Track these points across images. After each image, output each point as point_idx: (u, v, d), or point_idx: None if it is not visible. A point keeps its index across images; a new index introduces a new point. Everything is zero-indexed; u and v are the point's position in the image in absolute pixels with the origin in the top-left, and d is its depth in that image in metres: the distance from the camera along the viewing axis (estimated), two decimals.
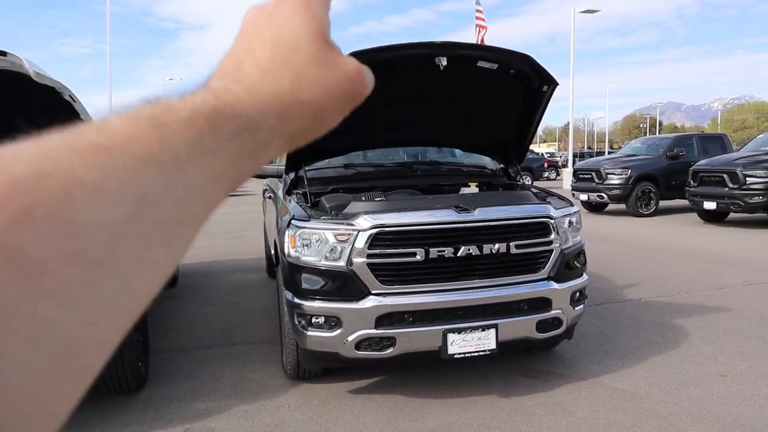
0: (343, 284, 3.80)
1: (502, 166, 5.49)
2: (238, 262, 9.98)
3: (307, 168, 5.03)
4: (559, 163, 40.62)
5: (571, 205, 4.45)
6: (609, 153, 36.90)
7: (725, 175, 12.64)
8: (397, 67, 4.18)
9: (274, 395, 4.30)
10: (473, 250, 3.82)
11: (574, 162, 29.49)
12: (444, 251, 3.78)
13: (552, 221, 4.07)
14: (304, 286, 3.89)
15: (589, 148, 73.68)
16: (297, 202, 4.36)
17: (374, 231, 3.72)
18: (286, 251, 4.06)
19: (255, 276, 8.74)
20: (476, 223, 3.83)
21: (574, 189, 16.30)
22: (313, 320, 3.86)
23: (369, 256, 3.74)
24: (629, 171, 15.22)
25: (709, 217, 13.64)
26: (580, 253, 4.36)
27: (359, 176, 5.04)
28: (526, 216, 3.97)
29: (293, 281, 3.96)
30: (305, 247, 3.93)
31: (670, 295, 6.92)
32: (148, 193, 0.30)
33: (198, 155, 0.33)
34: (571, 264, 4.23)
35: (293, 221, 3.99)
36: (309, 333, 3.87)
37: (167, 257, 0.32)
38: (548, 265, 4.08)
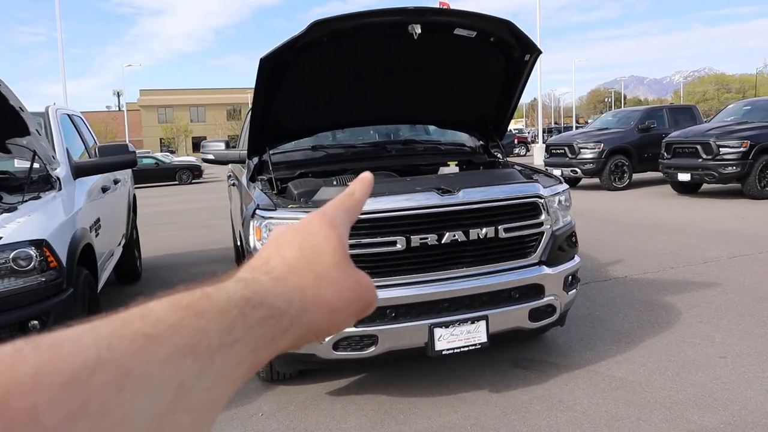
0: None
1: (481, 143, 5.14)
2: (205, 253, 9.55)
3: (271, 151, 4.62)
4: (528, 139, 40.61)
5: (560, 182, 4.13)
6: (577, 127, 36.96)
7: (699, 146, 12.52)
8: (365, 37, 3.78)
9: (247, 401, 3.92)
10: (459, 235, 3.47)
11: (544, 138, 29.37)
12: (427, 238, 3.42)
13: (542, 201, 3.74)
14: None
15: (555, 123, 73.95)
16: (262, 190, 3.96)
17: None
18: (251, 244, 3.66)
19: (222, 267, 8.29)
20: (461, 206, 3.48)
21: (547, 164, 16.09)
22: None
23: None
24: (602, 145, 15.07)
25: (683, 189, 13.55)
26: (571, 234, 4.04)
27: (329, 159, 4.65)
28: (514, 196, 3.63)
29: None
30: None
31: (656, 271, 6.70)
32: (185, 383, 0.32)
33: (228, 344, 0.35)
34: (562, 246, 3.91)
35: (258, 211, 3.60)
36: None
37: None
38: (539, 249, 3.75)
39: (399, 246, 3.39)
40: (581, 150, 15.27)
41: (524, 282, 3.69)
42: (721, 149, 12.16)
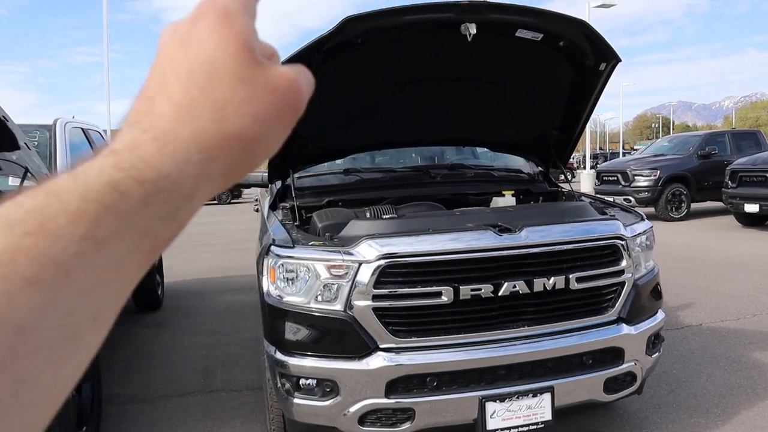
0: (340, 336, 2.75)
1: (540, 169, 4.42)
2: (233, 280, 8.98)
3: (296, 175, 3.98)
4: (574, 165, 39.46)
5: (642, 218, 3.38)
6: (624, 154, 35.70)
7: None
8: (407, 38, 3.12)
9: None
10: (520, 286, 2.75)
11: (594, 164, 28.36)
12: (480, 289, 2.71)
13: (623, 243, 2.99)
14: (288, 336, 2.84)
15: (601, 149, 72.30)
16: (281, 221, 3.32)
17: (382, 262, 2.66)
18: (264, 288, 3.01)
19: (249, 297, 7.67)
20: (525, 249, 2.76)
21: (598, 192, 15.16)
22: (302, 383, 2.81)
23: (376, 297, 2.69)
24: (658, 172, 14.10)
25: (749, 221, 12.50)
26: (656, 283, 3.28)
27: (362, 185, 3.99)
28: (590, 237, 2.89)
29: (274, 329, 2.92)
30: (289, 284, 2.88)
31: (735, 318, 5.82)
32: (23, 326, 0.27)
33: (92, 250, 0.30)
34: (645, 299, 3.15)
35: (273, 248, 2.95)
36: (296, 400, 2.82)
37: (61, 376, 0.30)
38: (618, 303, 3.00)
39: (445, 298, 2.69)
40: (636, 177, 14.31)
41: (600, 345, 2.93)
42: None
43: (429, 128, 4.00)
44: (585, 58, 3.42)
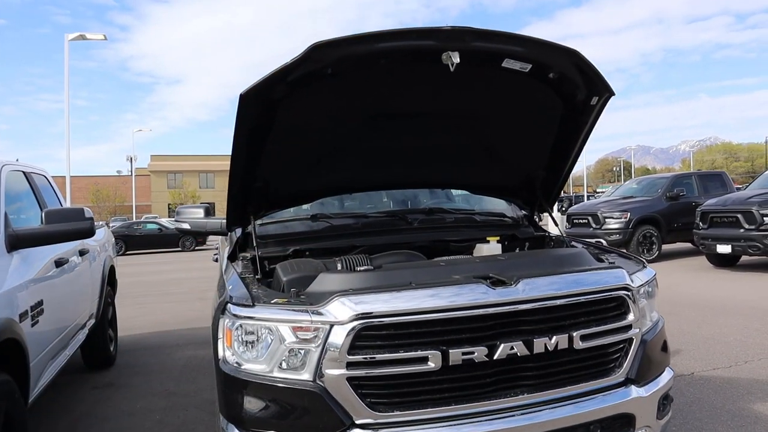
0: (309, 410, 2.33)
1: (524, 212, 4.10)
2: (194, 332, 8.43)
3: (259, 222, 3.59)
4: None
5: (644, 265, 3.06)
6: (589, 197, 35.99)
7: (740, 215, 11.46)
8: (382, 67, 2.80)
9: None
10: (518, 348, 2.38)
11: (560, 207, 28.46)
12: (473, 353, 2.32)
13: (629, 293, 2.65)
14: (247, 411, 2.40)
15: (564, 192, 73.25)
16: (240, 274, 2.91)
17: (358, 324, 2.27)
18: (220, 353, 2.58)
19: (209, 352, 7.15)
20: (523, 305, 2.39)
21: (569, 235, 15.02)
22: None
23: (351, 365, 2.28)
24: (628, 214, 14.05)
25: (721, 262, 12.44)
26: (663, 337, 2.94)
27: (332, 231, 3.60)
28: (595, 289, 2.54)
29: (230, 403, 2.48)
30: (249, 348, 2.46)
31: (727, 366, 5.52)
32: None
33: None
34: (654, 355, 2.80)
35: (229, 306, 2.53)
36: None
37: None
38: (627, 363, 2.64)
39: (432, 364, 2.29)
40: (606, 220, 14.23)
41: (608, 412, 2.55)
42: (765, 218, 11.09)
43: (405, 169, 3.66)
44: (576, 92, 3.13)
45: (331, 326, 2.29)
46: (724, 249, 11.71)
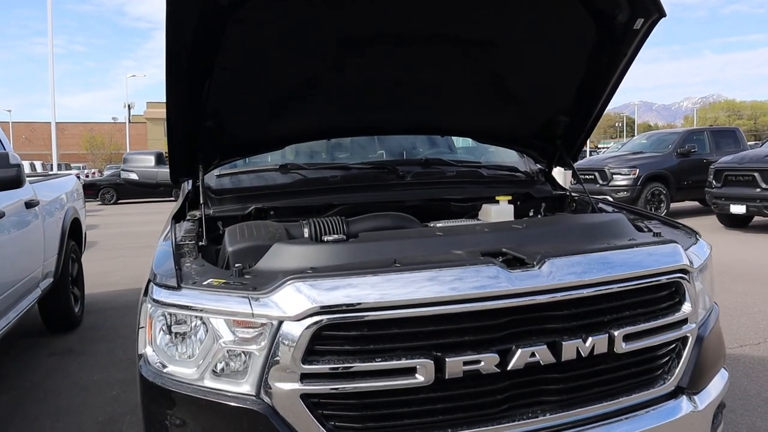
0: None
1: (539, 166, 3.40)
2: None
3: (216, 172, 2.91)
4: None
5: (697, 237, 2.39)
6: (592, 152, 35.15)
7: (756, 174, 10.77)
8: None
9: None
10: (542, 354, 1.72)
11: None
12: (479, 361, 1.67)
13: (686, 277, 1.99)
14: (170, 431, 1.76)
15: None
16: (179, 241, 2.24)
17: (318, 320, 1.60)
18: (140, 349, 1.93)
19: None
20: (548, 296, 1.73)
21: (573, 192, 14.34)
22: None
23: (307, 377, 1.63)
24: (637, 170, 13.33)
25: (733, 222, 11.80)
26: (719, 330, 2.30)
27: (304, 186, 2.90)
28: (645, 273, 1.87)
29: (150, 418, 1.84)
30: (174, 345, 1.81)
31: (755, 343, 4.92)
32: None
33: None
34: (710, 355, 2.15)
35: (152, 287, 1.87)
36: None
37: None
38: (679, 368, 2.00)
39: (421, 378, 1.63)
40: (614, 176, 13.52)
41: None
42: None
43: (394, 111, 2.93)
44: (616, 12, 2.40)
45: (280, 323, 1.62)
46: (738, 209, 11.05)
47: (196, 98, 2.40)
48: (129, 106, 58.47)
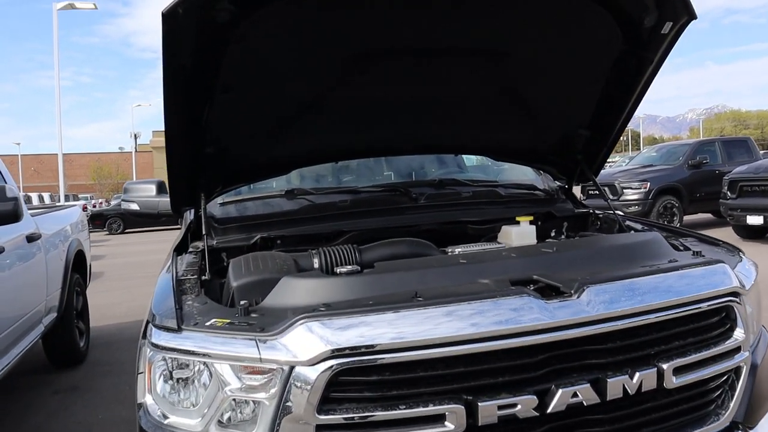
0: None
1: (558, 183, 3.23)
2: None
3: (217, 199, 2.76)
4: None
5: (740, 254, 2.21)
6: None
7: None
8: None
9: None
10: (584, 393, 1.53)
11: None
12: (515, 405, 1.48)
13: (738, 301, 1.80)
14: None
15: None
16: (180, 276, 2.08)
17: (334, 365, 1.43)
18: (139, 398, 1.76)
19: None
20: (590, 328, 1.55)
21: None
22: None
23: (322, 429, 1.45)
24: (648, 184, 13.12)
25: (750, 233, 11.54)
26: None
27: (313, 212, 2.74)
28: (695, 298, 1.69)
29: None
30: (177, 392, 1.63)
31: None
32: None
33: None
34: (764, 385, 1.96)
35: (150, 329, 1.71)
36: None
37: None
38: (734, 401, 1.80)
39: (450, 426, 1.45)
40: (624, 190, 13.31)
41: None
42: None
43: (406, 129, 2.78)
44: (643, 15, 2.24)
45: (292, 368, 1.45)
46: (755, 220, 10.82)
47: (196, 123, 2.26)
48: (135, 135, 58.82)
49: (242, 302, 1.78)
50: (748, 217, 10.91)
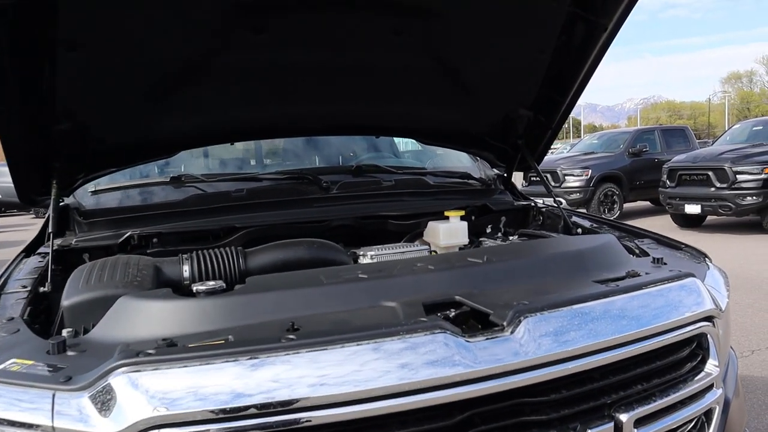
0: None
1: (496, 171, 2.83)
2: None
3: (88, 186, 2.25)
4: None
5: (704, 258, 1.85)
6: None
7: (711, 173, 10.54)
8: None
9: None
10: None
11: None
12: None
13: (711, 325, 1.42)
14: None
15: None
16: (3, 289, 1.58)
17: None
18: None
19: None
20: (529, 374, 1.13)
21: (526, 194, 13.97)
22: None
23: None
24: (589, 171, 13.03)
25: (687, 222, 11.56)
26: (739, 386, 1.75)
27: (202, 203, 2.24)
28: (664, 326, 1.29)
29: None
30: None
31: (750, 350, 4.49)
32: None
33: None
34: (736, 422, 1.60)
35: None
36: None
37: None
38: None
39: None
40: (566, 177, 13.18)
41: None
42: (738, 176, 10.21)
43: (316, 105, 2.30)
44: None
45: None
46: (693, 209, 10.81)
47: (33, 89, 1.74)
48: None
49: (66, 331, 1.30)
50: (686, 205, 10.90)
